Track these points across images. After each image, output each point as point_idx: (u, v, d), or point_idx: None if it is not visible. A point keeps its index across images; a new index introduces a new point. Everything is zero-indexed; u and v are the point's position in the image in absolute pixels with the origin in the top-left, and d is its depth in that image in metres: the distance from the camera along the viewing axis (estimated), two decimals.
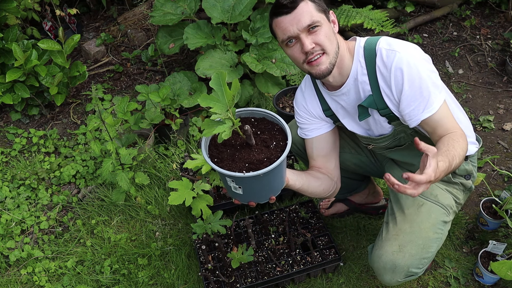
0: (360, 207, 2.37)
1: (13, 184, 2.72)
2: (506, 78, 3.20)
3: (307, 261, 2.08)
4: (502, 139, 2.80)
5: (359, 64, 1.60)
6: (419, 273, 1.71)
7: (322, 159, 1.84)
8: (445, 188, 1.78)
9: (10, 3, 2.84)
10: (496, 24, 3.59)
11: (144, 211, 2.52)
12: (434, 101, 1.52)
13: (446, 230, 1.75)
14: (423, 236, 1.68)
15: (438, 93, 1.53)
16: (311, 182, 1.74)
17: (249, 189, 1.48)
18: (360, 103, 1.64)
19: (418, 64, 1.52)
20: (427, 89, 1.51)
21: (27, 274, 2.30)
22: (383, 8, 3.59)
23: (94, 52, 3.60)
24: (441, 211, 1.73)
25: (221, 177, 1.49)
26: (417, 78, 1.51)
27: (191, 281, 2.20)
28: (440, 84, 1.56)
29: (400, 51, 1.53)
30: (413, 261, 1.66)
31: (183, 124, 2.77)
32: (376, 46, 1.57)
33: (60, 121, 3.18)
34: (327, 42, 1.53)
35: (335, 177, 1.86)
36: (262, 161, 1.40)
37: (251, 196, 1.52)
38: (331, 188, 1.84)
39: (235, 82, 1.38)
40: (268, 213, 2.33)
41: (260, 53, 2.87)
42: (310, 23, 1.49)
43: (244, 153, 1.44)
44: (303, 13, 1.49)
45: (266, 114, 1.53)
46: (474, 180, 1.85)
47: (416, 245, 1.66)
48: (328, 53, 1.54)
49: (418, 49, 1.58)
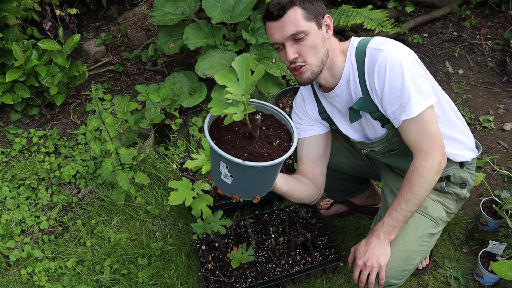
0: (360, 208, 2.37)
1: (13, 184, 2.72)
2: (506, 78, 3.20)
3: (307, 261, 2.08)
4: (502, 139, 2.80)
5: (351, 65, 1.59)
6: (399, 283, 1.70)
7: (311, 163, 1.82)
8: (436, 199, 1.76)
9: (10, 3, 2.84)
10: (496, 24, 3.60)
11: (144, 211, 2.52)
12: (414, 106, 1.48)
13: (432, 241, 1.74)
14: (406, 249, 1.66)
15: (421, 99, 1.49)
16: (296, 186, 1.72)
17: (239, 181, 1.41)
18: (350, 106, 1.64)
19: (403, 64, 1.48)
20: (407, 92, 1.48)
21: (27, 274, 2.30)
22: (383, 8, 3.59)
23: (94, 52, 3.60)
24: (429, 223, 1.71)
25: (213, 160, 1.42)
26: (399, 78, 1.48)
27: (191, 281, 2.20)
28: (426, 89, 1.51)
29: (386, 50, 1.50)
30: (393, 273, 1.64)
31: (183, 124, 2.77)
32: (366, 47, 1.56)
33: (60, 121, 3.18)
34: (311, 53, 1.53)
35: (319, 184, 1.84)
36: (263, 155, 1.36)
37: (238, 189, 1.46)
38: (314, 195, 1.81)
39: (260, 68, 1.34)
40: (268, 213, 2.33)
41: (260, 53, 2.87)
42: (294, 33, 1.49)
43: (245, 143, 1.39)
44: (288, 22, 1.49)
45: (276, 112, 1.50)
46: (470, 188, 1.82)
47: (398, 258, 1.64)
48: (310, 64, 1.54)
49: (409, 52, 1.54)
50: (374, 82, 1.53)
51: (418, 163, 1.55)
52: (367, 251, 1.62)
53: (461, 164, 1.75)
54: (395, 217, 1.59)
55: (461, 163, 1.75)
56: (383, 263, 1.60)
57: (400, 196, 1.59)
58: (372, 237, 1.63)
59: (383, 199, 1.87)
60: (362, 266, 1.62)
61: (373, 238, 1.63)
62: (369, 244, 1.62)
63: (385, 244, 1.62)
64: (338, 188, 2.19)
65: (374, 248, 1.61)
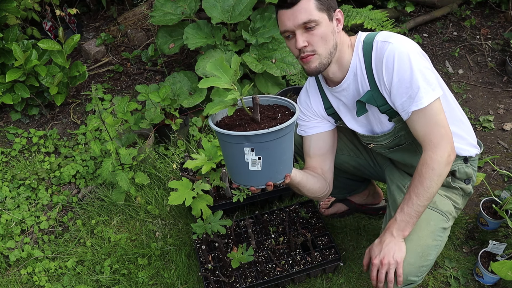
0: (360, 207, 2.37)
1: (13, 184, 2.72)
2: (506, 78, 3.20)
3: (307, 261, 2.08)
4: (502, 139, 2.80)
5: (358, 58, 1.61)
6: (418, 281, 1.69)
7: (319, 158, 1.84)
8: (444, 194, 1.76)
9: (10, 3, 2.84)
10: (496, 24, 3.60)
11: (144, 211, 2.52)
12: (424, 96, 1.50)
13: (445, 236, 1.74)
14: (421, 244, 1.65)
15: (430, 90, 1.51)
16: (309, 178, 1.74)
17: (268, 160, 1.41)
18: (358, 99, 1.65)
19: (411, 56, 1.50)
20: (416, 83, 1.49)
21: (27, 274, 2.30)
22: (383, 8, 3.59)
23: (94, 52, 3.60)
24: (440, 217, 1.71)
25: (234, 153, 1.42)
26: (407, 69, 1.49)
27: (191, 281, 2.20)
28: (433, 81, 1.53)
29: (394, 42, 1.52)
30: (412, 270, 1.63)
31: (183, 124, 2.77)
32: (373, 40, 1.58)
33: (60, 121, 3.18)
34: (320, 43, 1.55)
35: (329, 179, 1.85)
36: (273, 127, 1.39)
37: (270, 171, 1.46)
38: (325, 189, 1.83)
39: (234, 58, 1.40)
40: (268, 213, 2.33)
41: (260, 53, 2.87)
42: (306, 21, 1.51)
43: (253, 126, 1.42)
44: (301, 10, 1.51)
45: (271, 98, 1.55)
46: (474, 184, 1.83)
47: (415, 254, 1.63)
48: (319, 54, 1.56)
49: (415, 45, 1.56)
50: (383, 74, 1.54)
51: (427, 156, 1.54)
52: (382, 249, 1.60)
53: (465, 160, 1.75)
54: (407, 212, 1.58)
55: (466, 159, 1.75)
56: (400, 259, 1.58)
57: (411, 191, 1.58)
58: (385, 234, 1.62)
59: (390, 196, 1.87)
60: (378, 265, 1.59)
61: (386, 236, 1.61)
62: (383, 242, 1.61)
63: (399, 240, 1.60)
64: (339, 186, 2.19)
65: (389, 245, 1.59)
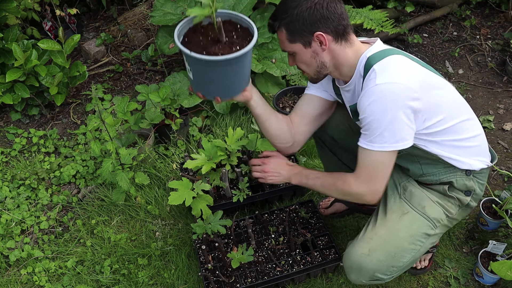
0: (360, 207, 2.37)
1: (13, 184, 2.72)
2: (506, 78, 3.20)
3: (307, 261, 2.08)
4: (502, 139, 2.80)
5: (359, 73, 1.62)
6: (386, 279, 1.71)
7: (301, 117, 1.89)
8: (436, 201, 1.75)
9: (10, 3, 2.84)
10: (496, 24, 3.60)
11: (144, 211, 2.52)
12: (377, 142, 1.52)
13: (428, 243, 1.73)
14: (397, 245, 1.66)
15: (387, 141, 1.50)
16: (272, 118, 1.82)
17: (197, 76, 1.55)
18: (350, 104, 1.73)
19: (392, 105, 1.46)
20: (379, 129, 1.49)
21: (27, 274, 2.30)
22: (383, 8, 3.59)
23: (94, 52, 3.60)
24: (425, 222, 1.71)
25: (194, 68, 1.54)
26: (379, 113, 1.48)
27: (191, 281, 2.20)
28: (399, 136, 1.50)
29: (383, 82, 1.47)
30: (380, 267, 1.65)
31: (183, 124, 2.77)
32: (373, 64, 1.54)
33: (60, 121, 3.18)
34: (304, 67, 1.68)
35: (295, 137, 1.90)
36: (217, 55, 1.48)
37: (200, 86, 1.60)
38: (284, 141, 1.89)
39: None
40: (268, 213, 2.33)
41: (260, 53, 2.87)
42: (284, 51, 1.66)
43: (210, 44, 1.52)
44: (279, 41, 1.64)
45: (232, 15, 1.61)
46: (478, 198, 1.78)
47: (387, 252, 1.65)
48: (307, 73, 1.70)
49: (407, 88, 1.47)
50: (360, 101, 1.56)
51: (352, 177, 1.64)
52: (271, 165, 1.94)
53: (467, 172, 1.71)
54: (309, 177, 1.82)
55: (468, 171, 1.71)
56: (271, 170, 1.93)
57: (324, 177, 1.78)
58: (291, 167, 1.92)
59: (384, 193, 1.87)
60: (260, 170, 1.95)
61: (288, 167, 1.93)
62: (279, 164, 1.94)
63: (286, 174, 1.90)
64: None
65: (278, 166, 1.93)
